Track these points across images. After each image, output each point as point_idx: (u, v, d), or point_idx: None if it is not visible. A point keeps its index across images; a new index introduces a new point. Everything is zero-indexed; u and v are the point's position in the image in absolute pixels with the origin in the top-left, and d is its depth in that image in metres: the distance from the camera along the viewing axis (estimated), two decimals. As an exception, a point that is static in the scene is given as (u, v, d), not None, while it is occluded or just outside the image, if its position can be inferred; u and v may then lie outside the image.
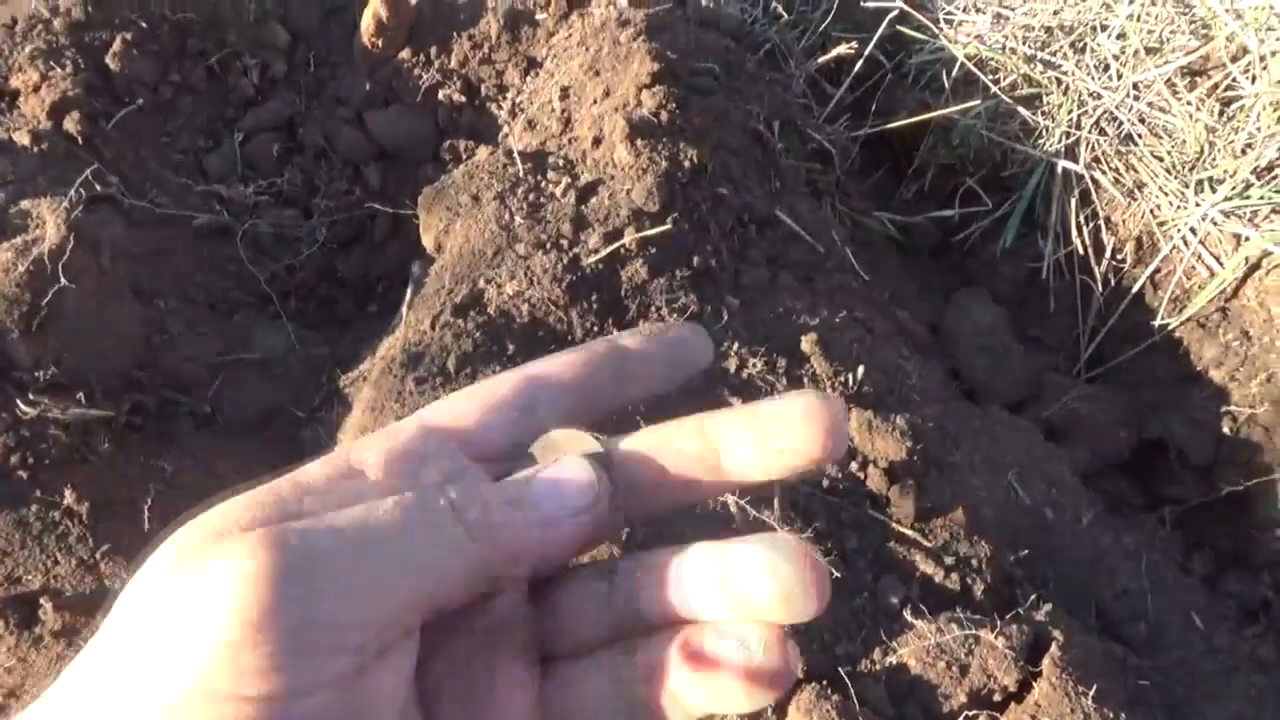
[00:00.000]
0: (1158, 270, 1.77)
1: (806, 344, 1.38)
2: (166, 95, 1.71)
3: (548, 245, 1.35)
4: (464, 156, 1.75)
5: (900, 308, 1.80)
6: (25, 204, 1.28)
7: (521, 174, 1.46)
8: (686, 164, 1.44)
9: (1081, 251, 1.85)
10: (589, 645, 0.40)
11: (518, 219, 1.39)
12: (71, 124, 1.54)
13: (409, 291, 1.42)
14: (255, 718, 0.31)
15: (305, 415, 1.36)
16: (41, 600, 1.04)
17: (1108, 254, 1.82)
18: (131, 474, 1.13)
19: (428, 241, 1.47)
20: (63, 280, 1.15)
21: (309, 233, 1.70)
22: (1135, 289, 1.80)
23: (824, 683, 1.11)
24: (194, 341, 1.37)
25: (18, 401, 1.08)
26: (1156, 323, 1.76)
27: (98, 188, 1.44)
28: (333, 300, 1.66)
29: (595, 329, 1.31)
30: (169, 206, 1.56)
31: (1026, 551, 1.30)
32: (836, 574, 1.19)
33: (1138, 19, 1.86)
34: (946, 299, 1.91)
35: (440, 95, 1.83)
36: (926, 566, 1.24)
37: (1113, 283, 1.82)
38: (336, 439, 1.25)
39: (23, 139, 1.50)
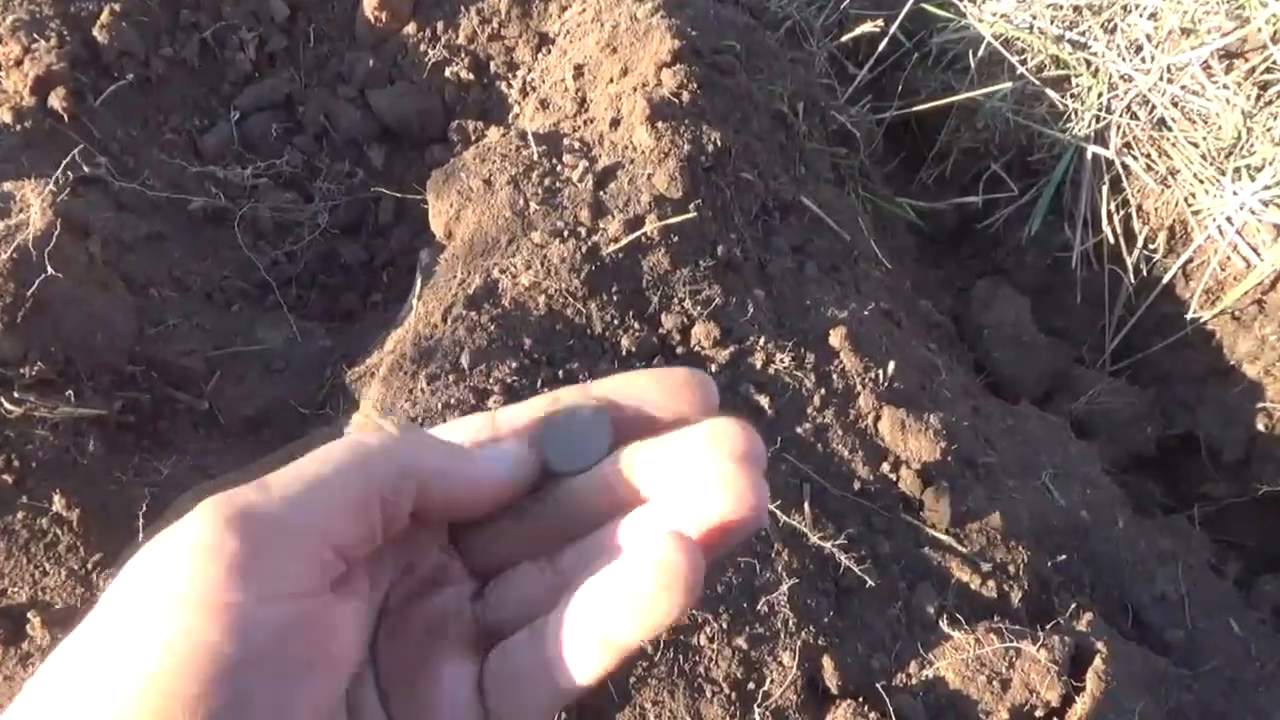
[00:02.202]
0: (1190, 261, 1.72)
1: (836, 338, 1.33)
2: (158, 70, 1.63)
3: (565, 233, 1.29)
4: (473, 138, 1.67)
5: (922, 298, 1.75)
6: (8, 186, 1.20)
7: (535, 157, 1.40)
8: (710, 147, 1.38)
9: (1111, 240, 1.79)
10: (527, 620, 0.43)
11: (533, 205, 1.33)
12: (57, 100, 1.46)
13: (418, 281, 1.36)
14: (227, 624, 0.34)
15: (309, 413, 1.30)
16: (29, 614, 0.97)
17: (1139, 243, 1.77)
18: (125, 477, 1.06)
19: (437, 227, 1.41)
20: (49, 269, 1.08)
21: (310, 217, 1.63)
22: (1166, 280, 1.74)
23: (860, 699, 1.07)
24: (190, 334, 1.31)
25: (1, 400, 1.01)
26: (1188, 315, 1.70)
27: (85, 169, 1.37)
28: (336, 289, 1.60)
29: (616, 322, 1.26)
30: (162, 189, 1.49)
31: (1064, 556, 1.26)
32: (870, 582, 1.14)
33: (1173, -2, 1.79)
34: (969, 289, 1.87)
35: (447, 73, 1.76)
36: (962, 573, 1.19)
37: (1143, 273, 1.77)
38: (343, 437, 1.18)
39: (4, 116, 1.41)
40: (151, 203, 1.47)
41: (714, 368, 1.27)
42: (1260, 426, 1.57)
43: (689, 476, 0.43)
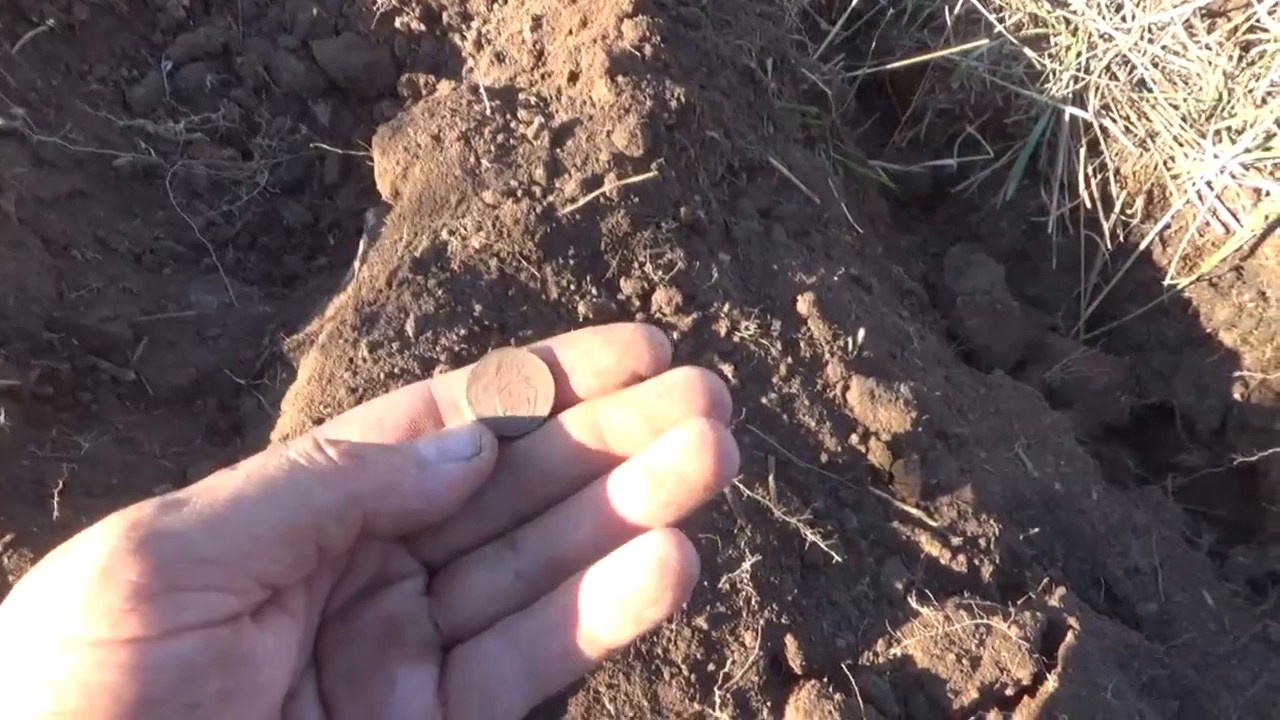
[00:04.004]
0: (1168, 226, 1.70)
1: (803, 304, 1.30)
2: (82, 16, 1.55)
3: (518, 193, 1.24)
4: (424, 92, 1.61)
5: (894, 264, 1.72)
6: (-86, 138, 1.13)
7: (489, 112, 1.34)
8: (673, 104, 1.33)
9: (1088, 205, 1.77)
10: (489, 621, 0.42)
11: (484, 163, 1.28)
12: (-30, 47, 1.37)
13: (362, 243, 1.32)
14: (126, 663, 0.31)
15: (244, 383, 1.25)
16: (-66, 599, 0.91)
17: (1116, 208, 1.75)
18: (40, 452, 1.00)
19: (383, 187, 1.36)
20: (-44, 228, 1.01)
21: (249, 176, 1.57)
22: (1143, 246, 1.72)
23: (825, 679, 1.04)
24: (115, 298, 1.25)
25: (-98, 369, 0.94)
26: (1165, 282, 1.69)
27: (1, 121, 1.28)
28: (276, 252, 1.55)
29: (572, 287, 1.22)
30: (86, 144, 1.42)
31: (1036, 529, 1.24)
32: (837, 558, 1.11)
33: (1154, -47, 1.75)
34: (942, 255, 1.84)
35: (397, 23, 1.69)
36: (932, 548, 1.18)
37: (1120, 239, 1.75)
38: (280, 410, 1.14)
39: (-88, 63, 1.33)
40: (74, 158, 1.40)
41: (676, 335, 1.24)
42: (1236, 396, 1.56)
43: (651, 434, 0.41)
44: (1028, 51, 1.82)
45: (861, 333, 1.29)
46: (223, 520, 0.35)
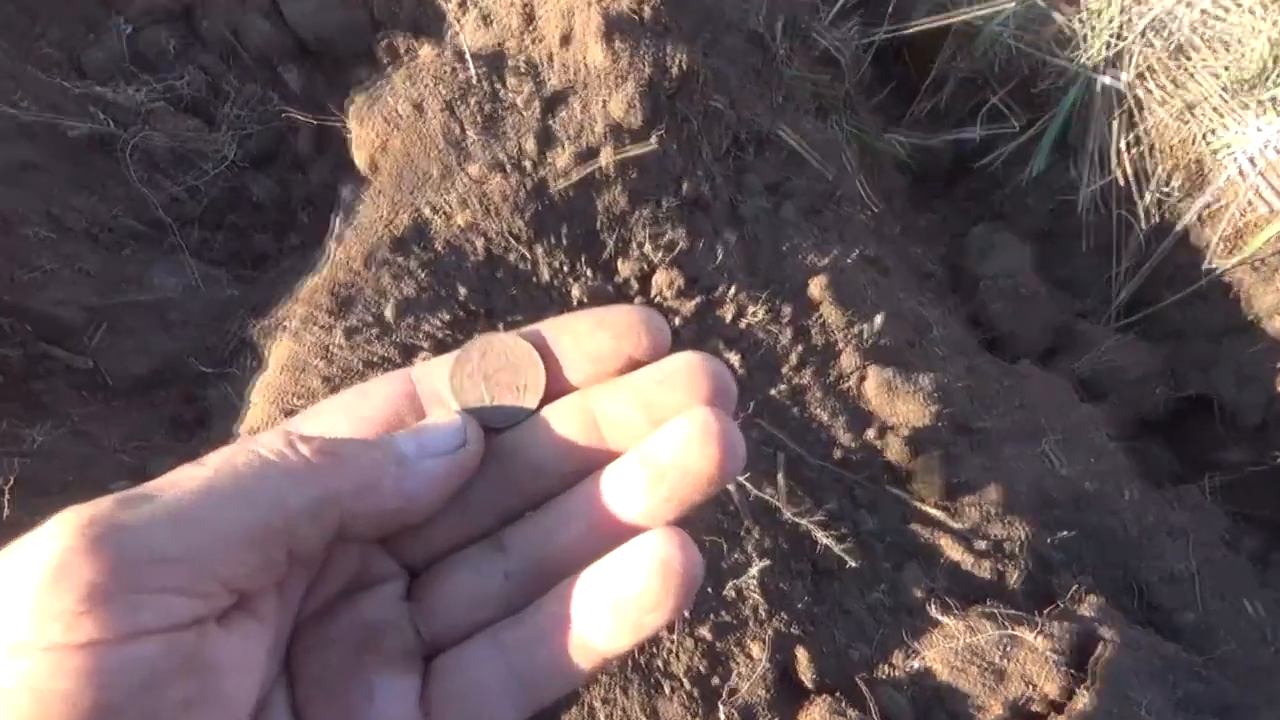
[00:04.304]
0: (1209, 204, 1.69)
1: (815, 288, 1.30)
2: (33, -27, 1.53)
3: (507, 166, 1.24)
4: (404, 56, 1.59)
5: (912, 245, 1.72)
6: None
7: (475, 79, 1.33)
8: (674, 70, 1.32)
9: (1122, 182, 1.76)
10: (475, 627, 0.42)
11: (470, 133, 1.27)
12: (-90, 7, 1.35)
13: (337, 221, 1.32)
14: (81, 669, 0.31)
15: (210, 372, 1.25)
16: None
17: (1152, 185, 1.74)
18: (-12, 446, 0.99)
19: (360, 159, 1.36)
20: (-107, 202, 1.00)
21: (214, 148, 1.56)
22: (1181, 226, 1.72)
23: (837, 694, 1.04)
24: (70, 280, 1.24)
25: None
26: (1205, 265, 1.68)
27: (-57, 87, 1.27)
28: (244, 230, 1.54)
29: (565, 269, 1.22)
30: (37, 112, 1.40)
31: (1066, 532, 1.24)
32: (851, 563, 1.11)
33: (1196, -92, 1.74)
34: (964, 235, 1.84)
35: (373, -19, 1.67)
36: (954, 552, 1.18)
37: (1156, 218, 1.74)
38: (248, 401, 1.13)
39: None
40: (24, 128, 1.39)
41: (678, 320, 1.23)
42: (1280, 388, 1.55)
43: (649, 424, 0.41)
44: (1057, 15, 1.81)
45: (878, 319, 1.29)
46: (187, 518, 0.35)
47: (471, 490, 0.43)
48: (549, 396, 0.44)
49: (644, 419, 0.42)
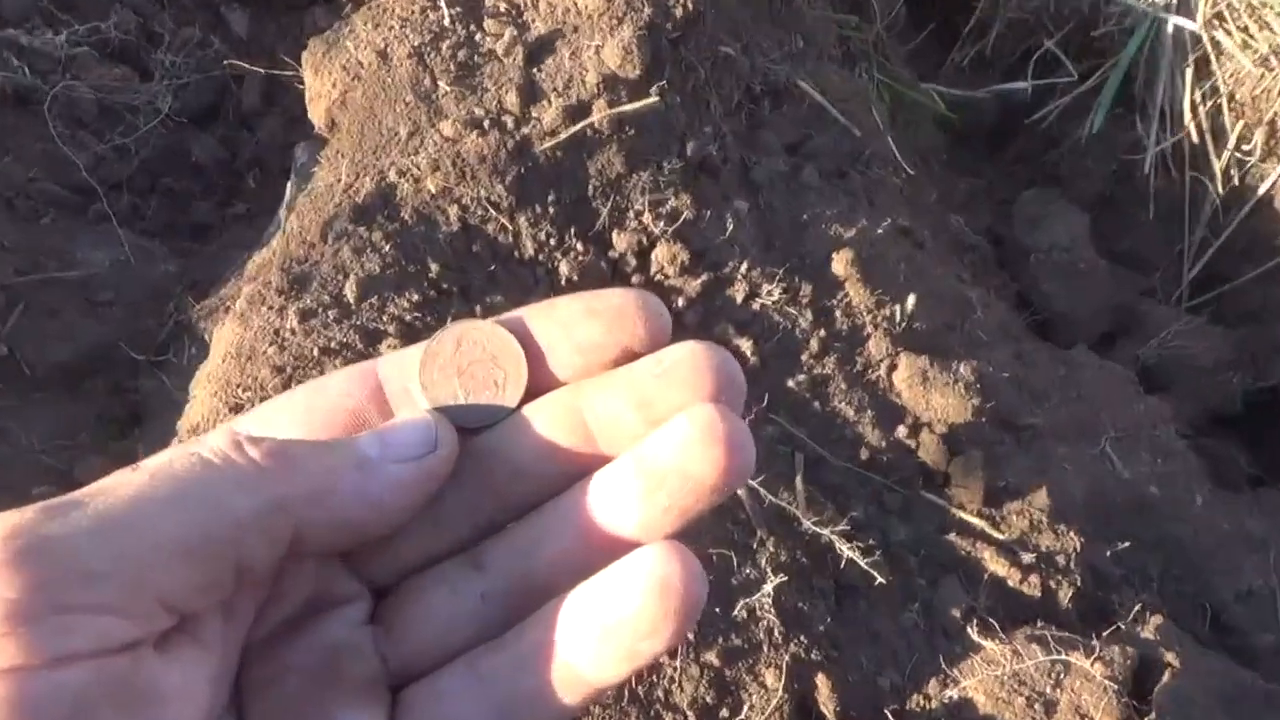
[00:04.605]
0: (1294, 166, 1.70)
1: (840, 264, 1.31)
2: (-64, -101, 1.53)
3: (486, 123, 1.24)
4: (365, -5, 1.60)
5: (952, 213, 1.73)
6: None
7: (448, 22, 1.35)
8: (677, 11, 1.34)
9: (1194, 140, 1.77)
10: (449, 654, 0.43)
11: (443, 85, 1.28)
12: None
13: (290, 186, 1.32)
14: (6, 697, 0.32)
15: (144, 359, 1.25)
16: None
17: (1230, 144, 1.74)
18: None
19: (316, 114, 1.36)
20: None
21: (147, 101, 1.56)
22: (1262, 191, 1.72)
23: (865, 728, 1.05)
24: None
25: None
26: (1288, 236, 1.68)
27: None
28: (183, 196, 1.54)
29: (552, 242, 1.23)
30: (-59, 60, 1.41)
31: (1126, 543, 1.25)
32: (880, 579, 1.12)
33: None
34: (1012, 202, 1.85)
35: (330, -92, 1.67)
36: (998, 566, 1.19)
37: (1234, 181, 1.75)
38: (188, 394, 1.14)
39: None
40: (-73, 80, 1.40)
41: (681, 302, 1.24)
42: (1374, 378, 1.56)
43: (646, 424, 0.42)
44: (1121, -53, 1.81)
45: (911, 299, 1.29)
46: (121, 529, 0.35)
47: (444, 499, 0.44)
48: (532, 393, 0.45)
49: (640, 418, 0.42)
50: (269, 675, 0.42)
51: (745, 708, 1.02)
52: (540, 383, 0.45)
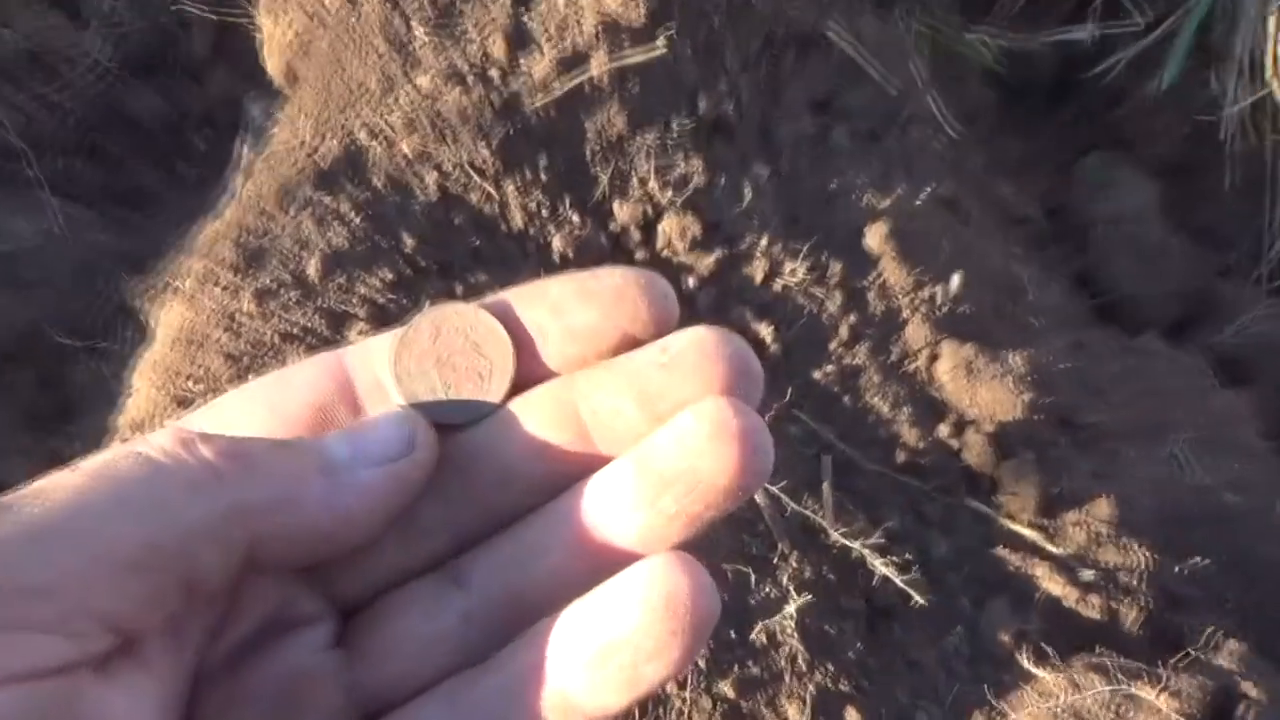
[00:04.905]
0: (1395, 128, 1.70)
1: (874, 238, 1.32)
2: None
3: (468, 76, 1.25)
4: (329, -71, 1.60)
5: (1003, 180, 1.73)
6: None
7: None
8: None
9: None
10: (426, 682, 0.43)
11: (419, 32, 1.28)
12: None
13: (243, 146, 1.33)
14: None
15: (76, 346, 1.26)
16: None
17: (1321, 102, 1.74)
18: None
19: (274, 66, 1.37)
20: None
21: (81, 50, 1.55)
22: (1359, 156, 1.72)
23: (900, 768, 1.06)
24: None
25: None
26: (1388, 208, 1.69)
27: None
28: (121, 159, 1.54)
29: (544, 213, 1.23)
30: None
31: (1202, 559, 1.26)
32: (918, 599, 1.13)
33: None
34: (1072, 168, 1.84)
35: None
36: (1053, 584, 1.20)
37: (1326, 146, 1.74)
38: (128, 385, 1.15)
39: None
40: None
41: (692, 281, 1.24)
42: None
43: (649, 420, 0.42)
44: (1198, -126, 1.80)
45: (956, 279, 1.30)
46: (56, 537, 0.36)
47: (421, 507, 0.44)
48: (520, 386, 0.45)
49: (642, 413, 0.43)
50: (222, 704, 0.42)
51: (764, 745, 1.03)
52: (530, 374, 0.45)
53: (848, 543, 1.12)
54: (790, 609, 1.07)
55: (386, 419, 0.44)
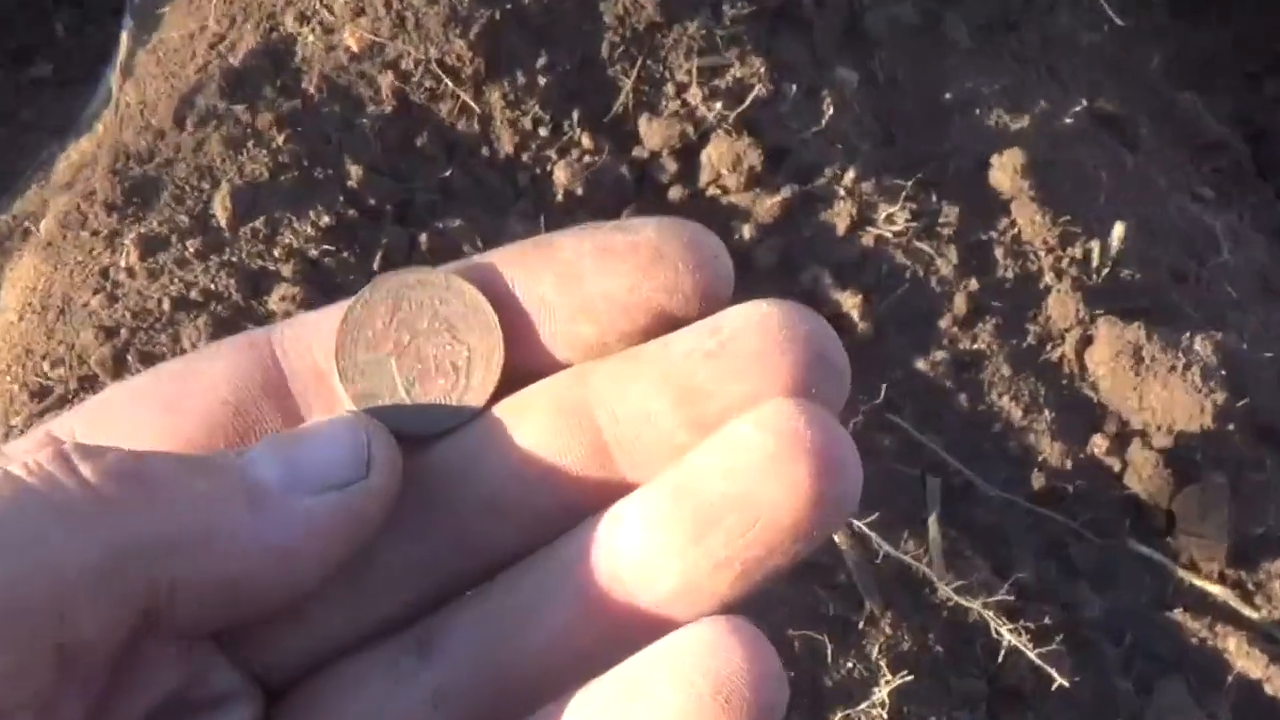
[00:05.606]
0: None
1: (1003, 173, 1.32)
2: None
3: None
4: None
5: (1185, 92, 1.73)
6: None
7: None
8: None
9: None
10: None
11: None
12: None
13: (124, 36, 1.32)
14: None
15: None
16: None
17: None
18: None
19: None
20: None
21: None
22: None
23: None
24: None
25: None
26: None
27: None
28: None
29: (542, 132, 1.23)
30: None
31: None
32: (1061, 680, 1.13)
33: None
34: (1276, 73, 1.84)
35: None
36: (1250, 662, 1.20)
37: None
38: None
39: None
40: None
41: (749, 231, 1.24)
42: None
43: (689, 427, 0.41)
44: None
45: (1118, 230, 1.30)
46: None
47: (378, 548, 0.43)
48: (511, 382, 0.44)
49: (681, 420, 0.42)
50: None
51: None
52: (525, 366, 0.44)
53: (963, 600, 1.11)
54: (881, 693, 1.06)
55: (332, 428, 0.43)
